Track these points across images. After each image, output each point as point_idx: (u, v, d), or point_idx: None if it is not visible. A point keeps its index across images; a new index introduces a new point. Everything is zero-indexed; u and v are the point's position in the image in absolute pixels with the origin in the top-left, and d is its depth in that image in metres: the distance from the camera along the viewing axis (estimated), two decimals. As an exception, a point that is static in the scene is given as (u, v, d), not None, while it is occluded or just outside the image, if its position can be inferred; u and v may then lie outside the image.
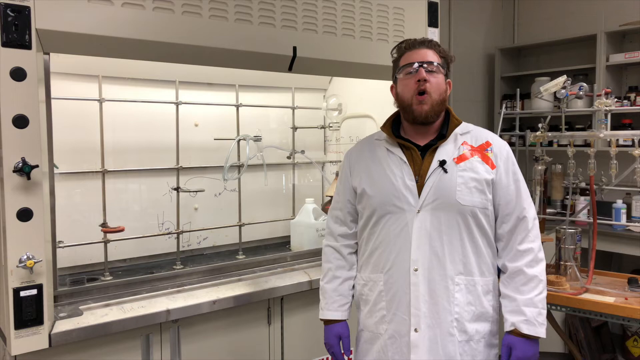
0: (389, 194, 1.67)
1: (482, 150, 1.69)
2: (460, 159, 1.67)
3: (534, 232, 1.68)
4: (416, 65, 1.66)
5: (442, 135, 1.71)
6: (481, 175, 1.65)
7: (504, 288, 1.68)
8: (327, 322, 1.82)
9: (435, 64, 1.67)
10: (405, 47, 1.73)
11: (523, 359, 1.61)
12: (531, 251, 1.66)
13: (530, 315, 1.61)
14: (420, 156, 1.69)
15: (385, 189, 1.68)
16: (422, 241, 1.62)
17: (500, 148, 1.71)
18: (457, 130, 1.72)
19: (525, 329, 1.60)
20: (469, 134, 1.73)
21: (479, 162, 1.67)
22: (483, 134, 1.75)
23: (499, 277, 1.75)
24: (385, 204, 1.67)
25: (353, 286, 1.83)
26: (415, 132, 1.73)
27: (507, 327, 1.65)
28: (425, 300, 1.62)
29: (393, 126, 1.77)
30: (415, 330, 1.62)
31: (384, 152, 1.74)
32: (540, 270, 1.66)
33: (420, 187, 1.65)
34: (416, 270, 1.62)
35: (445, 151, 1.68)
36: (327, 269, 1.84)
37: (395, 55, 1.77)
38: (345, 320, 1.81)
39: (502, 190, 1.67)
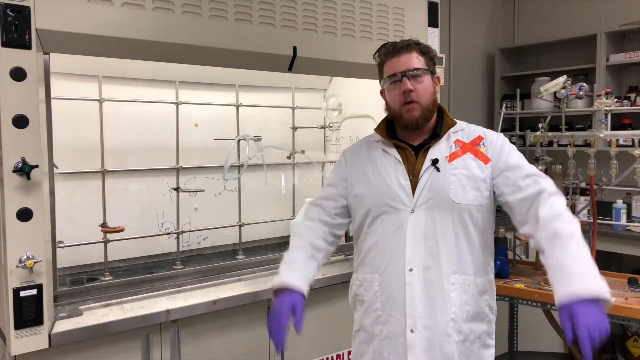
0: (384, 194, 1.66)
1: (474, 146, 1.68)
2: (453, 156, 1.65)
3: (553, 190, 1.53)
4: (400, 76, 1.64)
5: (436, 135, 1.70)
6: (474, 172, 1.64)
7: (542, 256, 1.46)
8: (280, 292, 1.61)
9: (419, 70, 1.64)
10: (385, 55, 1.70)
11: (593, 323, 1.27)
12: (560, 211, 1.48)
13: (591, 275, 1.34)
14: (414, 155, 1.69)
15: (379, 189, 1.68)
16: (417, 241, 1.62)
17: (494, 139, 1.68)
18: (450, 128, 1.71)
19: (604, 292, 1.30)
20: (461, 131, 1.72)
21: (472, 158, 1.66)
22: (475, 130, 1.73)
23: (496, 276, 1.74)
24: (379, 204, 1.67)
25: (314, 269, 1.71)
26: (409, 132, 1.72)
27: (562, 300, 1.33)
28: (421, 300, 1.61)
29: (388, 127, 1.77)
30: (412, 330, 1.61)
31: (380, 152, 1.74)
32: (576, 227, 1.44)
33: (414, 186, 1.64)
34: (411, 270, 1.61)
35: (438, 150, 1.67)
36: (297, 245, 1.73)
37: (377, 61, 1.74)
38: (303, 294, 1.61)
39: (503, 171, 1.61)
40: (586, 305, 1.29)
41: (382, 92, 1.76)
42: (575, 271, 1.36)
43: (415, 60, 1.65)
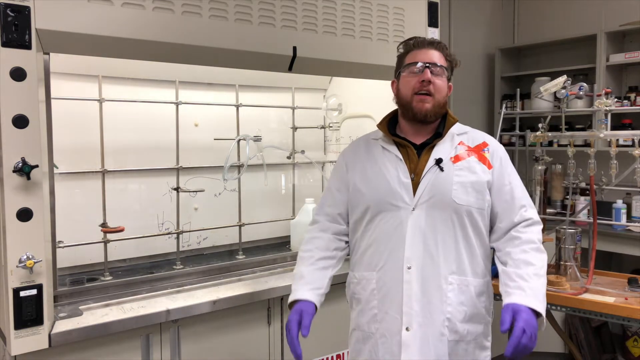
0: (384, 191, 1.66)
1: (479, 151, 1.69)
2: (457, 158, 1.67)
3: (536, 229, 1.67)
4: (421, 65, 1.65)
5: (439, 134, 1.71)
6: (479, 175, 1.65)
7: (506, 265, 1.62)
8: (294, 303, 1.69)
9: (441, 66, 1.67)
10: (414, 44, 1.72)
11: (528, 328, 1.47)
12: (533, 241, 1.63)
13: (540, 294, 1.55)
14: (416, 154, 1.69)
15: (380, 187, 1.68)
16: (416, 239, 1.62)
17: (497, 149, 1.73)
18: (454, 130, 1.73)
19: (541, 307, 1.52)
20: (465, 134, 1.74)
21: (476, 162, 1.67)
22: (479, 136, 1.75)
23: (493, 277, 1.74)
24: (379, 202, 1.67)
25: (330, 278, 1.75)
26: (412, 130, 1.72)
27: (513, 299, 1.53)
28: (418, 298, 1.61)
29: (389, 125, 1.77)
30: (407, 329, 1.61)
31: (380, 150, 1.74)
32: (543, 262, 1.61)
33: (415, 185, 1.64)
34: (409, 268, 1.61)
35: (442, 150, 1.68)
36: (308, 256, 1.75)
37: (401, 50, 1.76)
38: (313, 302, 1.67)
39: (498, 191, 1.67)
40: (530, 315, 1.50)
41: (392, 83, 1.77)
42: (533, 287, 1.55)
43: (440, 58, 1.69)
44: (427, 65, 1.65)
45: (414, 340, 1.61)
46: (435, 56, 1.68)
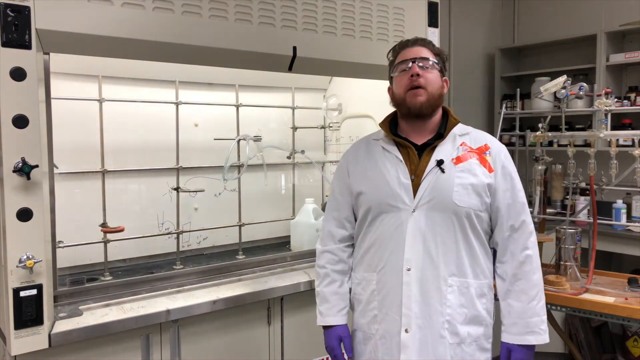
0: (384, 192, 1.66)
1: (481, 153, 1.68)
2: (459, 159, 1.66)
3: (532, 239, 1.69)
4: (410, 63, 1.67)
5: (440, 135, 1.71)
6: (479, 177, 1.64)
7: (504, 295, 1.69)
8: (327, 327, 1.80)
9: (429, 60, 1.67)
10: (399, 47, 1.75)
11: None
12: (530, 259, 1.66)
13: (534, 324, 1.64)
14: (417, 155, 1.69)
15: (380, 188, 1.68)
16: (416, 241, 1.62)
17: (499, 152, 1.71)
18: (456, 131, 1.72)
19: (533, 340, 1.64)
20: (467, 135, 1.73)
21: (477, 164, 1.66)
22: (482, 137, 1.74)
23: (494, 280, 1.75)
24: (380, 203, 1.67)
25: (350, 290, 1.81)
26: (413, 130, 1.72)
27: (507, 338, 1.67)
28: (417, 300, 1.61)
29: (391, 125, 1.77)
30: (406, 330, 1.61)
31: (380, 150, 1.74)
32: (539, 277, 1.68)
33: (416, 186, 1.64)
34: (409, 269, 1.61)
35: (443, 151, 1.67)
36: (324, 273, 1.81)
37: (390, 58, 1.79)
38: (345, 324, 1.80)
39: (499, 195, 1.67)
40: (524, 352, 1.66)
41: (389, 90, 1.78)
42: (529, 323, 1.65)
43: (427, 53, 1.70)
44: (414, 60, 1.67)
45: (412, 342, 1.61)
46: (422, 52, 1.70)
